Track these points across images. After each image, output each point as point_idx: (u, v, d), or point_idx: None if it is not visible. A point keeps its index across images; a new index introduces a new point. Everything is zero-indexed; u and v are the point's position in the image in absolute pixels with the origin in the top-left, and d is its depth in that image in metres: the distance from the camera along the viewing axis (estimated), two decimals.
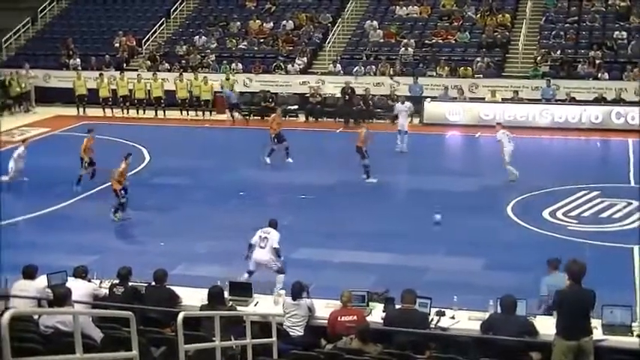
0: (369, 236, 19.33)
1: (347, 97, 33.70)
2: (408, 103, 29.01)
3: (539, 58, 35.06)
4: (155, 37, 40.89)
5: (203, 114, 35.17)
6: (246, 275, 15.79)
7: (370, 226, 20.19)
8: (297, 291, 12.35)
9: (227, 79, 35.36)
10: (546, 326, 11.05)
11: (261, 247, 15.96)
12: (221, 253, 18.47)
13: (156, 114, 35.22)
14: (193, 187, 23.41)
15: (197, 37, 39.78)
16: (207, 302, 12.05)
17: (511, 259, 18.34)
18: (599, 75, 33.66)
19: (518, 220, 20.53)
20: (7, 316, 6.15)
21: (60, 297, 10.38)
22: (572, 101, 32.31)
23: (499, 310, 11.51)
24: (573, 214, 20.93)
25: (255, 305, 12.99)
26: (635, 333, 11.50)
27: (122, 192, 20.64)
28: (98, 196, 22.78)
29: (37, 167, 24.58)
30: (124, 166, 20.91)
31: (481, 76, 34.79)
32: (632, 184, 23.68)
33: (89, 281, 13.25)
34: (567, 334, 9.97)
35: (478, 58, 35.49)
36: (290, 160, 25.76)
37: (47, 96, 37.45)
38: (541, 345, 10.77)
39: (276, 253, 15.94)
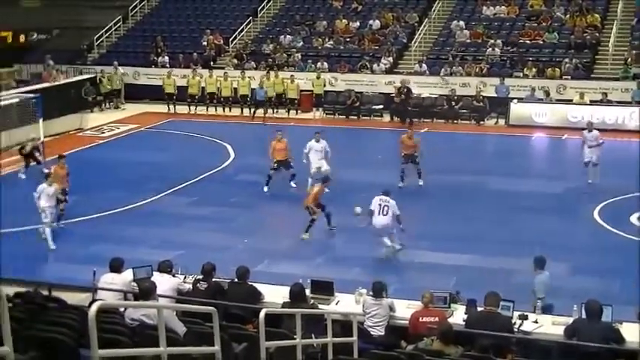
0: (451, 237, 19.19)
1: (403, 96, 33.46)
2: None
3: (629, 59, 34.34)
4: (242, 35, 41.29)
5: (288, 112, 35.36)
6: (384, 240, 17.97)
7: (453, 227, 20.04)
8: (378, 290, 12.35)
9: (318, 77, 35.48)
10: (633, 333, 10.83)
11: (383, 215, 17.81)
12: (304, 250, 18.57)
13: (242, 112, 35.56)
14: (277, 185, 23.49)
15: (283, 35, 40.03)
16: (289, 300, 12.13)
17: (597, 263, 18.03)
18: None
19: (605, 225, 20.14)
20: (94, 307, 6.28)
21: (145, 291, 10.56)
22: None
23: (584, 316, 11.31)
24: None
25: (337, 304, 13.02)
26: None
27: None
28: (185, 192, 23.11)
29: (126, 162, 25.09)
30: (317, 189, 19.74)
31: (569, 77, 34.23)
32: None
33: (174, 276, 13.44)
34: None
35: (566, 59, 34.93)
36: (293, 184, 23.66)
37: (136, 93, 38.16)
38: (627, 353, 10.56)
39: (397, 219, 17.84)
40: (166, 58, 39.25)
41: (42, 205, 18.70)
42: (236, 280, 13.13)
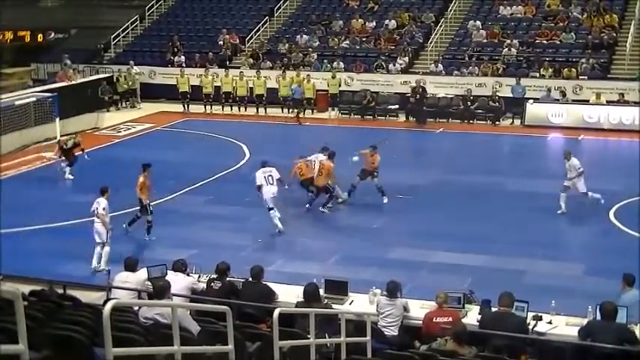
0: (466, 238, 19.17)
1: (418, 96, 33.40)
2: None
3: None
4: (258, 35, 41.35)
5: (304, 112, 35.40)
6: (271, 212, 19.52)
7: (467, 227, 20.01)
8: (392, 290, 12.34)
9: (333, 77, 35.50)
10: None
11: (270, 184, 19.71)
12: (318, 250, 18.61)
13: (257, 111, 35.62)
14: (291, 185, 23.51)
15: (299, 35, 40.07)
16: (302, 299, 12.15)
17: (612, 265, 17.84)
18: None
19: (621, 226, 20.05)
20: (108, 306, 6.31)
21: (159, 290, 10.61)
22: None
23: (598, 317, 11.27)
24: None
25: (351, 304, 13.02)
26: None
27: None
28: (200, 192, 23.18)
29: (142, 161, 25.06)
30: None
31: (586, 77, 34.09)
32: None
33: (188, 275, 13.48)
34: None
35: (583, 60, 34.80)
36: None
37: (152, 92, 38.29)
38: None
39: (281, 182, 20.03)
40: (183, 57, 39.36)
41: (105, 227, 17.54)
42: (250, 279, 13.16)
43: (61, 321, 8.53)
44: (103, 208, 17.49)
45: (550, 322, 12.04)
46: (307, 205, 21.42)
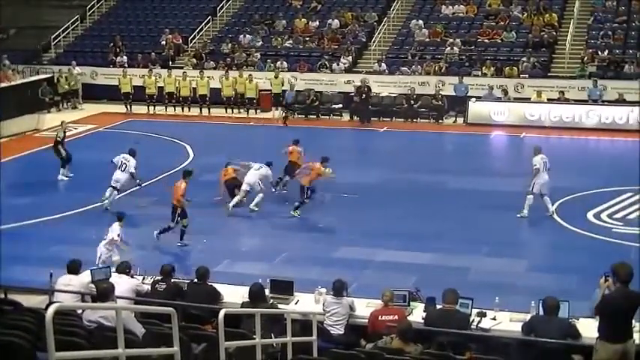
0: (411, 236, 19.29)
1: (364, 95, 33.56)
2: None
3: (586, 58, 34.72)
4: (201, 35, 41.14)
5: (248, 112, 35.31)
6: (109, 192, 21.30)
7: (412, 225, 20.14)
8: (338, 289, 12.37)
9: (276, 77, 35.48)
10: (588, 329, 10.94)
11: (122, 171, 21.49)
12: (263, 250, 18.58)
13: (201, 111, 35.46)
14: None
15: (242, 35, 39.95)
16: (248, 300, 12.12)
17: (554, 260, 18.28)
18: None
19: (562, 222, 20.33)
20: (51, 310, 6.24)
21: (103, 292, 10.51)
22: (620, 102, 31.95)
23: (541, 312, 11.41)
24: (618, 216, 20.70)
25: (296, 303, 13.02)
26: None
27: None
28: (143, 193, 22.97)
29: (84, 163, 24.88)
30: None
31: (527, 76, 34.51)
32: None
33: (132, 277, 13.38)
34: (612, 337, 9.84)
35: (524, 58, 35.22)
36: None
37: (94, 93, 37.86)
38: (583, 348, 10.67)
39: (132, 175, 21.49)
40: (125, 57, 38.98)
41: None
42: (195, 280, 13.10)
43: (2, 326, 8.40)
44: (118, 235, 16.75)
45: (494, 319, 12.16)
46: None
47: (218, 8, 42.36)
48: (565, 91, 32.74)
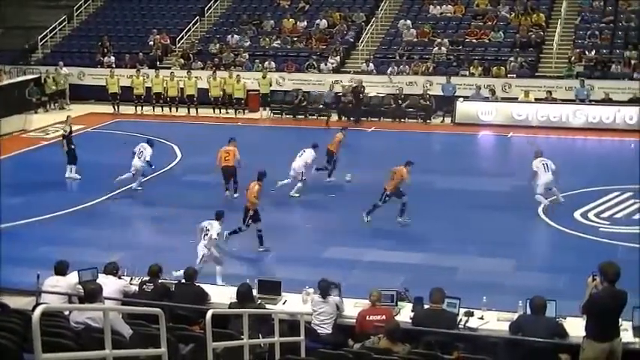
0: (399, 236, 19.33)
1: (360, 95, 33.58)
2: None
3: (573, 58, 34.82)
4: (189, 35, 41.10)
5: (236, 112, 35.29)
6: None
7: (401, 226, 20.14)
8: (324, 288, 12.39)
9: (264, 77, 35.48)
10: (576, 328, 10.99)
11: (138, 158, 22.35)
12: (251, 251, 18.55)
13: (188, 112, 35.42)
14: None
15: (230, 35, 39.93)
16: (236, 300, 12.12)
17: (542, 260, 18.36)
18: (634, 75, 33.40)
19: (549, 221, 20.39)
20: (38, 311, 6.22)
21: (90, 293, 10.47)
22: (607, 102, 32.07)
23: (528, 311, 11.46)
24: (605, 215, 20.77)
25: (284, 303, 13.03)
26: None
27: None
28: (131, 193, 22.94)
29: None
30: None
31: (514, 75, 34.59)
32: None
33: (120, 278, 13.35)
34: (599, 336, 9.88)
35: (511, 58, 35.31)
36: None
37: (81, 93, 37.80)
38: (570, 347, 10.70)
39: (149, 164, 22.21)
40: (112, 58, 38.94)
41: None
42: (183, 281, 13.09)
43: None
44: (218, 234, 16.72)
45: (482, 318, 12.19)
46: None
47: (206, 8, 42.30)
48: (552, 91, 32.90)
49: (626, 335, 10.84)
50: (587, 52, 35.17)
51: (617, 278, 9.84)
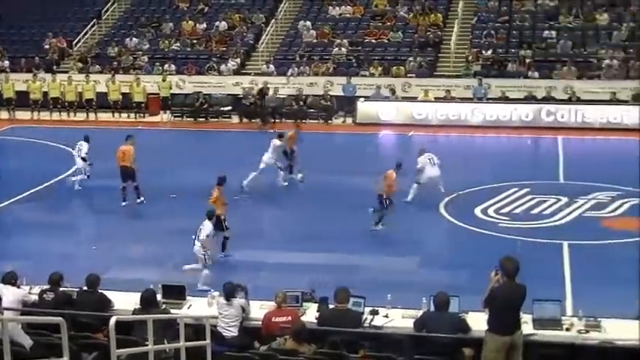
0: (303, 237, 19.35)
1: (265, 96, 33.60)
2: None
3: (470, 57, 35.49)
4: (86, 38, 40.46)
5: (136, 116, 34.84)
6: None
7: (305, 226, 20.21)
8: (229, 291, 12.34)
9: (164, 80, 35.14)
10: (478, 322, 11.17)
11: (77, 156, 22.46)
12: (154, 256, 18.34)
13: (87, 116, 34.79)
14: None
15: (129, 38, 39.43)
16: (140, 306, 11.96)
17: (444, 256, 18.62)
18: (529, 73, 34.24)
19: (450, 218, 20.72)
20: None
21: None
22: (503, 100, 32.74)
23: (432, 308, 11.60)
24: (505, 211, 21.21)
25: (189, 308, 12.93)
26: (564, 327, 11.70)
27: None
28: (29, 200, 22.46)
29: None
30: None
31: (414, 75, 35.06)
32: (561, 180, 24.15)
33: (19, 287, 13.01)
34: (500, 330, 10.08)
35: (411, 58, 35.77)
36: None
37: None
38: (473, 341, 10.87)
39: (84, 160, 21.78)
40: (7, 62, 38.01)
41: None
42: (85, 288, 12.85)
43: None
44: (207, 235, 16.60)
45: (387, 316, 12.28)
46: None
47: (103, 11, 41.73)
48: (451, 90, 33.43)
49: (527, 327, 11.07)
50: (483, 52, 35.90)
51: (516, 273, 10.06)
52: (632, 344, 11.03)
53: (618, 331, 11.54)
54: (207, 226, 16.65)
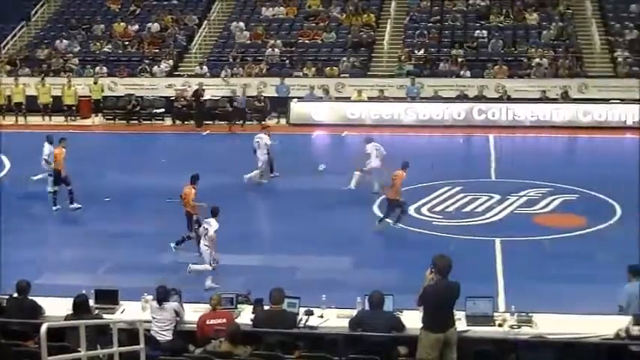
0: (236, 238, 19.22)
1: (201, 98, 33.43)
2: None
3: (403, 56, 35.74)
4: (15, 40, 39.78)
5: (67, 119, 34.35)
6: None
7: (237, 228, 20.05)
8: (162, 295, 12.23)
9: (95, 82, 34.72)
10: (413, 321, 11.24)
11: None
12: (86, 261, 18.12)
13: (16, 120, 34.21)
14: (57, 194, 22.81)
15: (59, 40, 38.89)
16: (72, 312, 11.79)
17: (379, 255, 18.71)
18: (461, 73, 34.61)
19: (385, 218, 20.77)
20: None
21: None
22: (436, 99, 33.03)
23: (367, 307, 11.64)
24: (438, 209, 21.41)
25: (122, 312, 12.78)
26: (496, 323, 11.84)
27: None
28: None
29: None
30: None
31: (347, 75, 35.21)
32: (493, 178, 24.47)
33: None
34: (434, 327, 10.16)
35: (344, 58, 35.92)
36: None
37: None
38: (408, 339, 10.94)
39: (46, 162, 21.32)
40: None
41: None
42: (15, 295, 12.62)
43: None
44: (215, 231, 16.55)
45: (321, 316, 12.28)
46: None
47: (32, 13, 41.07)
48: (384, 90, 33.59)
49: (460, 324, 11.19)
50: (416, 51, 36.20)
51: (449, 270, 10.16)
52: (563, 338, 11.23)
53: (550, 325, 11.73)
54: (213, 224, 16.64)
